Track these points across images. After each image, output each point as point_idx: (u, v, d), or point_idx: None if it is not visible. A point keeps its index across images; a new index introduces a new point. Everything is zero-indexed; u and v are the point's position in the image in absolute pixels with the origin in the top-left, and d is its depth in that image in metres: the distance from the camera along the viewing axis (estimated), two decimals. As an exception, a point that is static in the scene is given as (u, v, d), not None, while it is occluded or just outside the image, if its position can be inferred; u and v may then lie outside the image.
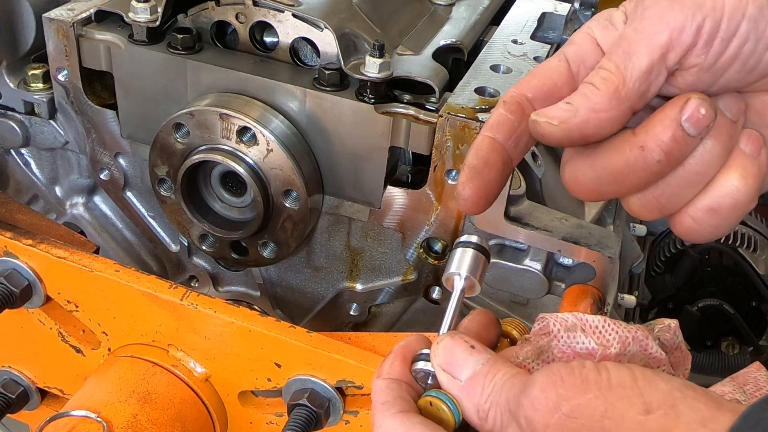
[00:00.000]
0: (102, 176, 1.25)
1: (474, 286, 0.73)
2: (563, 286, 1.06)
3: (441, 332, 0.68)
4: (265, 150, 1.05)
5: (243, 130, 1.05)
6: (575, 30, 0.78)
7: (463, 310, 0.72)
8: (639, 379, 0.56)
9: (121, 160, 1.23)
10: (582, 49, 0.72)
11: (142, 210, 1.28)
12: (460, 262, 0.73)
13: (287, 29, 1.07)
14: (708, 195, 0.68)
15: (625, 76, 0.66)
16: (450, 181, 1.03)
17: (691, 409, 0.53)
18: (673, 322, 0.68)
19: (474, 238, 0.74)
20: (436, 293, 1.16)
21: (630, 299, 1.21)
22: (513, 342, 0.79)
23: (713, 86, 0.68)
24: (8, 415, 1.09)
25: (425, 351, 0.67)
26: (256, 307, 1.25)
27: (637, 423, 0.53)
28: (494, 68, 1.11)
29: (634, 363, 0.62)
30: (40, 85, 1.20)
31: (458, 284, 0.72)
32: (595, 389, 0.55)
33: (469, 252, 0.73)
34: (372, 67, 1.01)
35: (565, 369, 0.57)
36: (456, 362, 0.64)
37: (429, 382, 0.66)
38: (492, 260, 1.06)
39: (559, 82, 0.72)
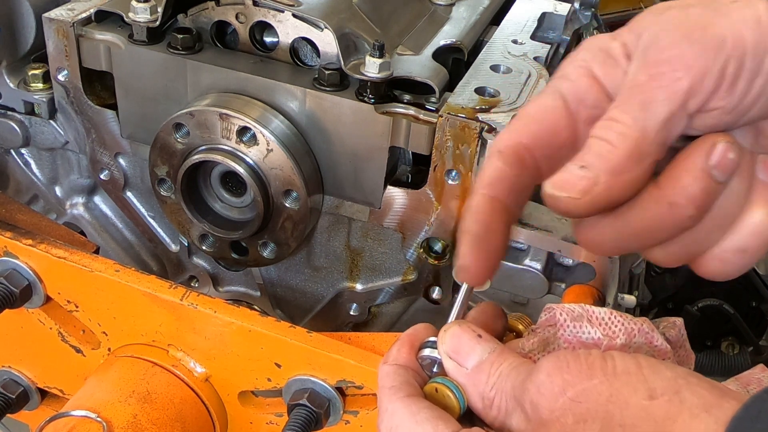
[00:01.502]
0: (102, 176, 1.25)
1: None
2: (563, 286, 1.06)
3: (449, 321, 0.69)
4: (265, 150, 1.05)
5: (243, 130, 1.05)
6: (574, 30, 0.76)
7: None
8: (644, 366, 0.56)
9: (121, 160, 1.23)
10: (579, 86, 0.64)
11: (142, 210, 1.28)
12: None
13: (287, 29, 1.07)
14: (735, 235, 0.63)
15: (645, 128, 0.59)
16: (450, 181, 1.03)
17: (695, 396, 0.53)
18: (678, 320, 0.68)
19: None
20: (436, 293, 1.16)
21: (630, 299, 1.21)
22: (518, 336, 0.79)
23: (735, 125, 0.62)
24: (8, 415, 1.09)
25: (432, 339, 0.68)
26: (256, 307, 1.25)
27: (641, 408, 0.54)
28: (494, 68, 1.11)
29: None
30: (40, 85, 1.20)
31: None
32: (600, 375, 0.56)
33: None
34: (372, 67, 1.01)
35: (571, 355, 0.58)
36: (462, 350, 0.64)
37: (435, 369, 0.67)
38: (492, 260, 1.06)
39: (558, 125, 0.65)
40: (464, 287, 0.72)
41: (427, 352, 0.67)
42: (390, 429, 0.63)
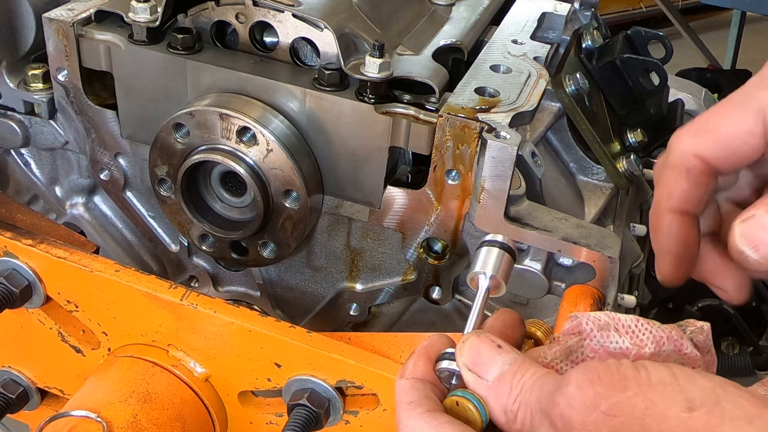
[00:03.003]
0: (102, 176, 1.25)
1: (500, 285, 0.71)
2: (563, 286, 1.06)
3: (466, 331, 0.67)
4: (265, 150, 1.05)
5: (243, 130, 1.05)
6: (574, 30, 0.75)
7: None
8: (679, 376, 0.54)
9: (121, 160, 1.23)
10: None
11: (142, 210, 1.28)
12: (486, 261, 0.71)
13: (287, 29, 1.07)
14: None
15: None
16: (450, 181, 1.03)
17: (736, 407, 0.52)
18: (706, 325, 0.66)
19: (499, 237, 0.72)
20: (436, 293, 1.16)
21: (630, 299, 1.21)
22: (537, 343, 0.77)
23: None
24: (8, 415, 1.09)
25: (449, 350, 0.66)
26: (256, 307, 1.25)
27: (680, 421, 0.52)
28: (494, 68, 1.11)
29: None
30: (40, 85, 1.20)
31: (483, 283, 0.71)
32: (634, 386, 0.54)
33: (495, 251, 0.72)
34: (372, 67, 1.01)
35: (601, 366, 0.56)
36: (482, 362, 0.63)
37: (453, 382, 0.65)
38: (492, 260, 1.06)
39: (755, 151, 0.61)
40: (480, 295, 0.71)
41: (444, 364, 0.66)
42: None
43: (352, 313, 1.22)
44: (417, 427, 0.61)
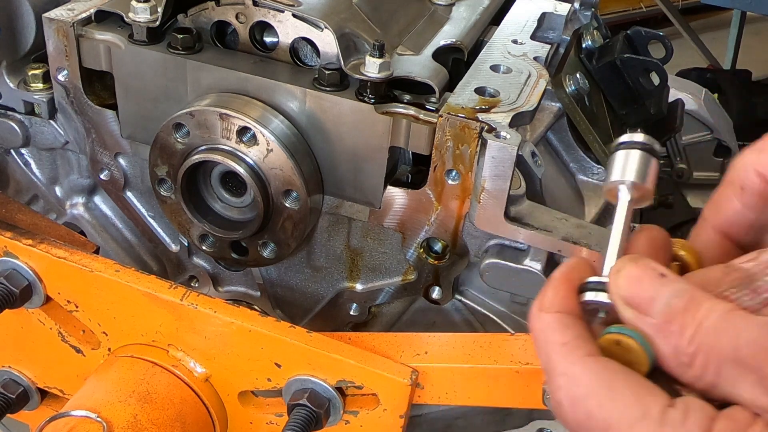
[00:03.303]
0: (102, 176, 1.25)
1: (645, 194, 0.60)
2: (563, 286, 1.06)
3: (608, 255, 0.58)
4: (265, 150, 1.05)
5: (243, 130, 1.05)
6: (574, 30, 0.73)
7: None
8: None
9: (121, 160, 1.23)
10: None
11: (142, 210, 1.28)
12: (625, 167, 0.60)
13: (287, 29, 1.07)
14: None
15: None
16: (450, 181, 1.03)
17: None
18: None
19: (639, 137, 0.61)
20: (436, 293, 1.16)
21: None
22: (684, 268, 0.64)
23: None
24: (8, 415, 1.09)
25: (595, 279, 0.57)
26: (256, 307, 1.25)
27: None
28: (494, 68, 1.11)
29: None
30: (40, 85, 1.20)
31: (625, 194, 0.60)
32: None
33: (635, 153, 0.60)
34: (372, 67, 1.01)
35: None
36: (644, 294, 0.53)
37: (600, 315, 0.56)
38: (492, 260, 1.06)
39: None
40: (623, 209, 0.59)
41: (590, 296, 0.56)
42: (574, 400, 0.52)
43: (352, 313, 1.22)
44: (580, 375, 0.52)
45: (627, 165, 0.60)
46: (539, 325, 0.56)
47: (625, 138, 0.61)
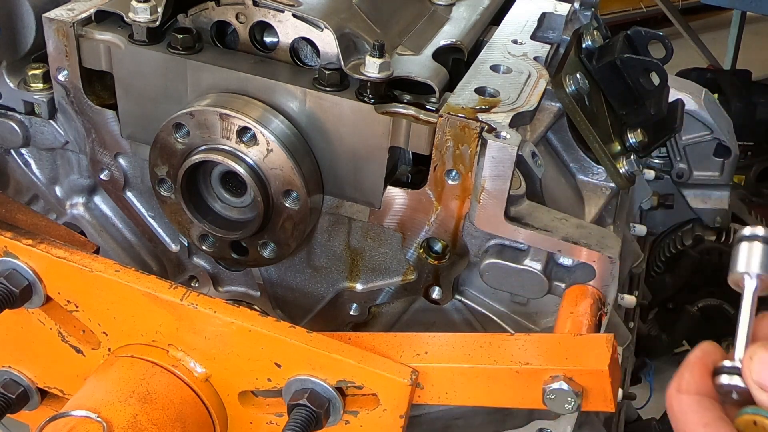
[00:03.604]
0: (102, 176, 1.25)
1: (767, 283, 0.65)
2: (563, 286, 1.06)
3: (738, 341, 0.63)
4: (265, 150, 1.05)
5: (243, 130, 1.05)
6: (574, 30, 0.74)
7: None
8: None
9: (121, 160, 1.23)
10: None
11: (142, 210, 1.28)
12: (749, 259, 0.64)
13: (287, 29, 1.07)
14: None
15: None
16: (450, 181, 1.03)
17: None
18: None
19: (761, 230, 0.65)
20: (436, 293, 1.15)
21: (630, 299, 1.21)
22: None
23: None
24: (8, 415, 1.09)
25: (727, 363, 0.62)
26: (256, 307, 1.25)
27: None
28: (494, 68, 1.11)
29: None
30: (40, 85, 1.20)
31: (750, 285, 0.64)
32: None
33: (758, 246, 0.65)
34: (372, 67, 1.01)
35: None
36: None
37: (734, 397, 0.61)
38: (492, 260, 1.06)
39: None
40: (749, 298, 0.64)
41: (725, 379, 0.61)
42: None
43: (352, 313, 1.22)
44: None
45: (751, 257, 0.65)
46: (679, 406, 0.61)
47: (747, 231, 0.66)
